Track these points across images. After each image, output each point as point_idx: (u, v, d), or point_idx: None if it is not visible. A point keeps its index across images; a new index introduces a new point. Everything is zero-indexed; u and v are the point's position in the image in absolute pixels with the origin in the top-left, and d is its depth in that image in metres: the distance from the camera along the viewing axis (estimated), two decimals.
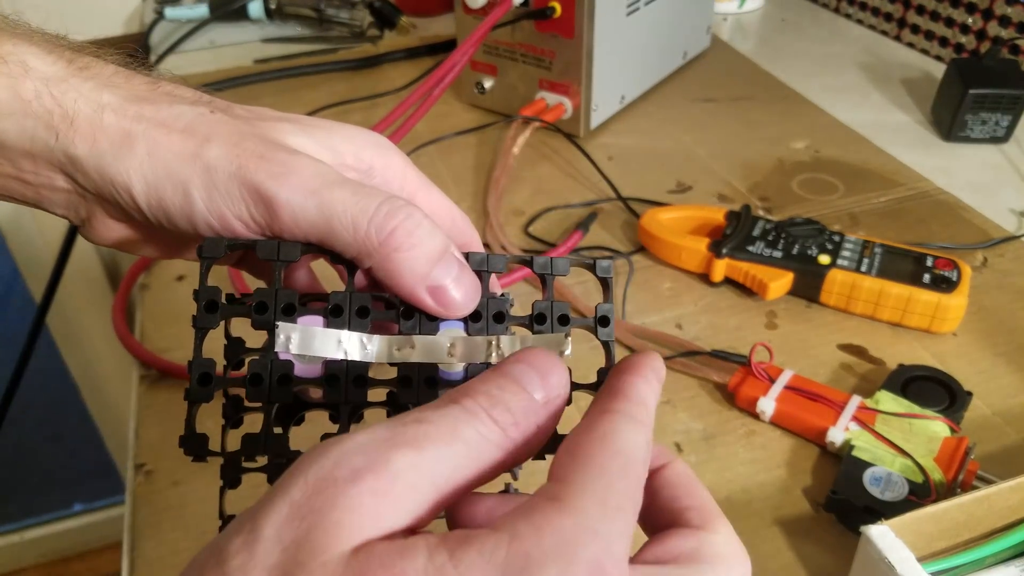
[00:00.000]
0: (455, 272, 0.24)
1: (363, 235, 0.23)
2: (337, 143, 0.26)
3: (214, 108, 0.25)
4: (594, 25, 0.66)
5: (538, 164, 0.70)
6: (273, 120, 0.26)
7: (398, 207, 0.23)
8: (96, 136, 0.23)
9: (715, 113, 0.77)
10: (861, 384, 0.47)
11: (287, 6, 0.94)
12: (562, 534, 0.17)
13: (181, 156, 0.23)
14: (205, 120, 0.24)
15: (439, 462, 0.18)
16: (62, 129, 0.23)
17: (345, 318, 0.24)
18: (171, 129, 0.24)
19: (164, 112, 0.24)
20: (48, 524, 1.50)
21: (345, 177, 0.24)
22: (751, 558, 0.39)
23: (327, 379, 0.24)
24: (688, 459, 0.43)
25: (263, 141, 0.24)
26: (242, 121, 0.24)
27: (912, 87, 0.81)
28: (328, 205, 0.23)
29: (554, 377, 0.21)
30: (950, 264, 0.51)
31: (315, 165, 0.24)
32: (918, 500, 0.38)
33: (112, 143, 0.23)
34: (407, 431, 0.18)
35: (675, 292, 0.55)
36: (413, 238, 0.23)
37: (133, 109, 0.24)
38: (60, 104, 0.23)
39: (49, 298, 0.84)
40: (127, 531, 0.41)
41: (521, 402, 0.20)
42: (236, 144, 0.23)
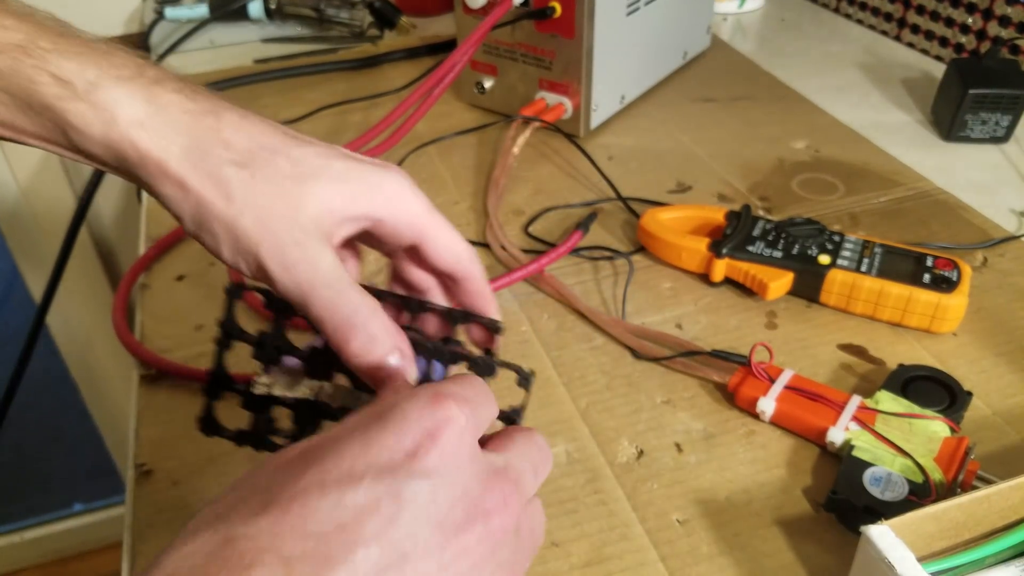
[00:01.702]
0: (395, 363, 0.29)
1: (331, 328, 0.29)
2: (353, 198, 0.30)
3: (257, 165, 0.29)
4: (594, 25, 0.66)
5: (538, 164, 0.70)
6: (304, 179, 0.29)
7: (357, 313, 0.29)
8: (157, 176, 0.28)
9: (715, 113, 0.77)
10: (861, 384, 0.47)
11: (287, 6, 0.94)
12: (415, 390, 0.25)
13: (219, 218, 0.28)
14: (244, 186, 0.28)
15: None
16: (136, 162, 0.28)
17: (315, 369, 0.32)
18: (215, 188, 0.28)
19: (214, 171, 0.28)
20: (48, 524, 1.50)
21: (332, 279, 0.29)
22: (751, 558, 0.40)
23: (297, 404, 0.32)
24: (688, 459, 0.43)
25: (284, 222, 0.28)
26: (275, 185, 0.28)
27: (912, 87, 0.81)
28: (308, 299, 0.29)
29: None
30: (950, 264, 0.51)
31: (313, 266, 0.28)
32: (918, 500, 0.38)
33: (172, 186, 0.28)
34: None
35: (675, 292, 0.55)
36: (368, 343, 0.29)
37: (188, 163, 0.28)
38: (134, 145, 0.28)
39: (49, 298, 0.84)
40: (127, 531, 0.41)
41: None
42: (261, 223, 0.28)
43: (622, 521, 0.40)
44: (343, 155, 0.31)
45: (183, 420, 0.47)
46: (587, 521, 0.40)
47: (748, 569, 0.38)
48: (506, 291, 0.55)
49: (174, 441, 0.46)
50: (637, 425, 0.45)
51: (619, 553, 0.39)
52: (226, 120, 0.29)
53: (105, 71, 0.28)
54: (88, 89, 0.27)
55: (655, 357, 0.49)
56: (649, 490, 0.42)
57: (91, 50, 0.28)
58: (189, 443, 0.45)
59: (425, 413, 0.24)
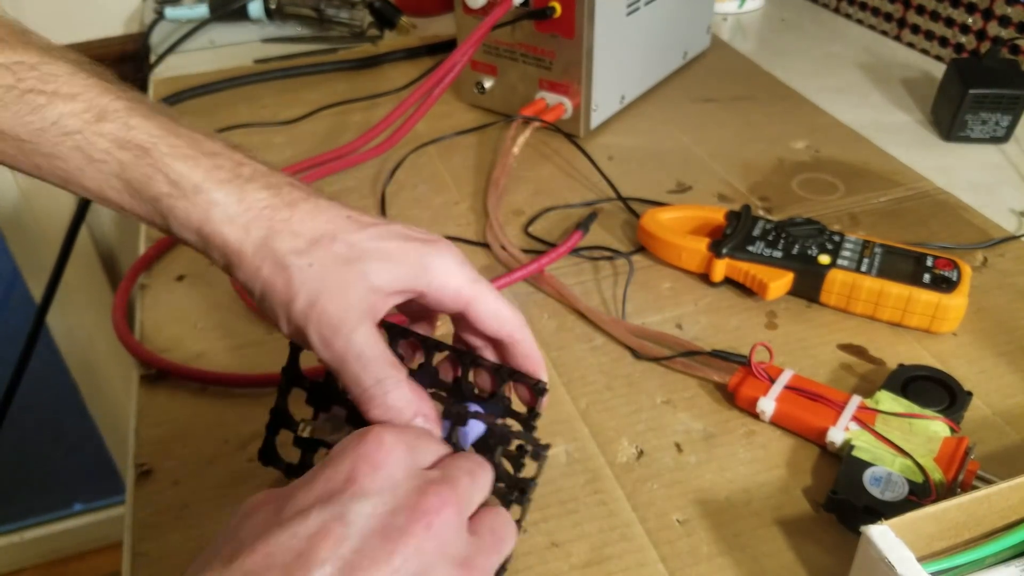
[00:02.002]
0: (425, 437, 0.32)
1: (355, 397, 0.33)
2: (400, 275, 0.33)
3: (315, 251, 0.33)
4: (594, 25, 0.66)
5: (538, 164, 0.70)
6: (355, 262, 0.33)
7: (381, 386, 0.32)
8: (233, 260, 0.34)
9: (715, 113, 0.77)
10: (861, 384, 0.47)
11: (287, 6, 0.94)
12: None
13: (280, 302, 0.33)
14: (302, 275, 0.32)
15: None
16: (219, 247, 0.33)
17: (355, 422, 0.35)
18: (278, 277, 0.33)
19: (280, 261, 0.33)
20: (48, 524, 1.50)
21: (361, 353, 0.32)
22: (751, 558, 0.40)
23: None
24: (688, 459, 0.43)
25: (332, 304, 0.32)
26: (329, 270, 0.33)
27: (912, 87, 0.81)
28: (341, 371, 0.33)
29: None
30: (950, 264, 0.51)
31: (347, 342, 0.32)
32: (918, 500, 0.38)
33: (246, 271, 0.33)
34: None
35: (675, 292, 0.55)
36: (385, 412, 0.33)
37: (260, 254, 0.33)
38: (221, 236, 0.33)
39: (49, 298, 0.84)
40: (127, 531, 0.41)
41: None
42: (311, 304, 0.32)
43: (622, 521, 0.40)
44: (397, 235, 0.34)
45: (183, 420, 0.47)
46: (587, 521, 0.40)
47: (748, 569, 0.38)
48: (506, 291, 0.55)
49: (174, 441, 0.46)
50: (637, 425, 0.45)
51: (619, 553, 0.39)
52: (300, 211, 0.33)
53: (208, 173, 0.33)
54: (193, 191, 0.33)
55: (655, 357, 0.49)
56: (649, 490, 0.42)
57: (199, 152, 0.33)
58: (189, 443, 0.45)
59: (355, 443, 0.29)
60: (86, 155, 0.32)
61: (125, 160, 0.32)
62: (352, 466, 0.28)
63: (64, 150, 0.32)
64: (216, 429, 0.46)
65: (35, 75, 0.32)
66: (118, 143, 0.32)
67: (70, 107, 0.32)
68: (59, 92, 0.32)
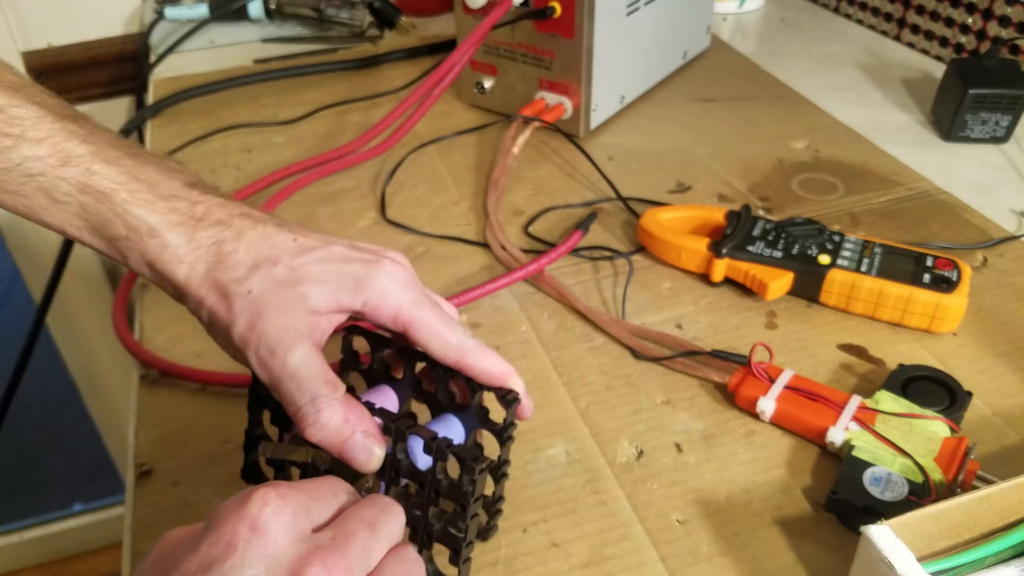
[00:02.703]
0: (360, 449, 0.34)
1: (293, 415, 0.34)
2: (338, 296, 0.35)
3: (257, 276, 0.35)
4: (594, 25, 0.66)
5: (538, 164, 0.70)
6: (294, 285, 0.34)
7: (317, 402, 0.33)
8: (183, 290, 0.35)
9: (715, 113, 0.77)
10: (861, 384, 0.47)
11: (287, 6, 0.94)
12: None
13: (224, 324, 0.34)
14: (245, 304, 0.34)
15: None
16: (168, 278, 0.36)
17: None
18: (223, 305, 0.34)
19: (227, 290, 0.34)
20: (48, 524, 1.50)
21: (296, 372, 0.33)
22: (751, 558, 0.39)
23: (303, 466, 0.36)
24: (688, 459, 0.43)
25: (271, 325, 0.34)
26: (270, 293, 0.34)
27: (912, 87, 0.81)
28: (278, 391, 0.34)
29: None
30: (950, 264, 0.51)
31: (280, 364, 0.33)
32: (918, 500, 0.38)
33: (192, 300, 0.35)
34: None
35: (675, 292, 0.55)
36: (322, 430, 0.33)
37: (207, 286, 0.35)
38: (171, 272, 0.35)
39: (49, 298, 0.84)
40: (127, 531, 0.41)
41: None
42: (251, 327, 0.34)
43: (622, 521, 0.40)
44: (338, 256, 0.36)
45: (183, 420, 0.47)
46: (587, 521, 0.40)
47: (748, 569, 0.38)
48: (506, 291, 0.55)
49: (174, 441, 0.46)
50: (637, 425, 0.45)
51: (619, 553, 0.39)
52: (246, 240, 0.35)
53: (163, 217, 0.35)
54: (149, 234, 0.35)
55: (655, 357, 0.49)
56: (649, 490, 0.42)
57: (157, 197, 0.35)
58: (189, 443, 0.45)
59: (238, 504, 0.27)
60: (49, 196, 0.34)
61: (86, 203, 0.34)
62: (232, 531, 0.26)
63: (28, 190, 0.34)
64: (216, 429, 0.46)
65: (2, 117, 0.33)
66: (80, 187, 0.34)
67: (35, 151, 0.33)
68: (25, 136, 0.33)
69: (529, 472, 0.43)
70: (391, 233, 0.61)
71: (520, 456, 0.44)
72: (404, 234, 0.61)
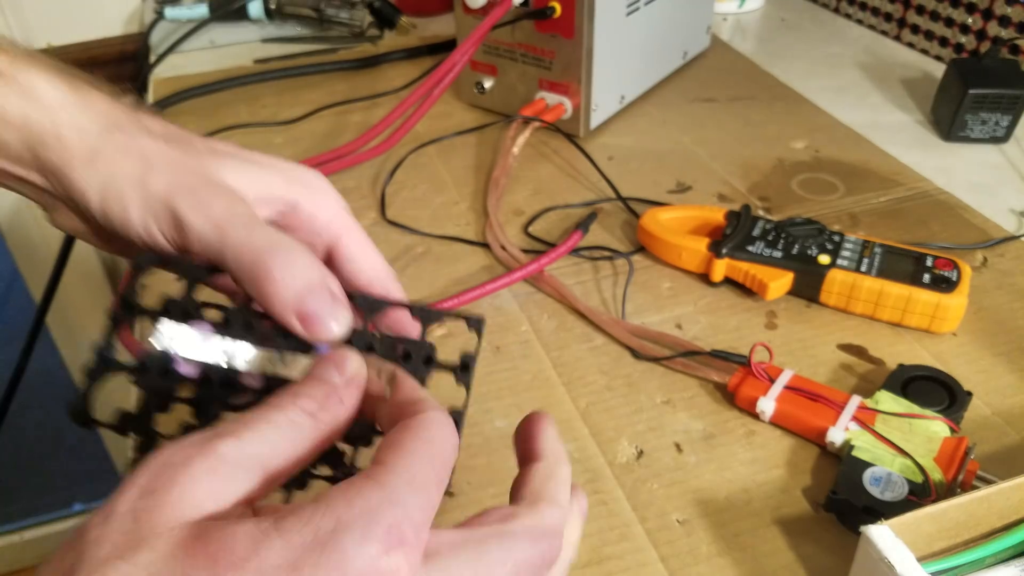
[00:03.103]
0: (324, 303, 0.27)
1: (246, 266, 0.27)
2: (270, 180, 0.30)
3: (174, 142, 0.30)
4: (594, 25, 0.66)
5: (538, 164, 0.70)
6: (220, 156, 0.30)
7: (278, 244, 0.27)
8: (73, 153, 0.29)
9: (715, 113, 0.77)
10: (861, 384, 0.47)
11: (287, 6, 0.94)
12: (368, 503, 0.21)
13: (131, 179, 0.28)
14: (161, 153, 0.29)
15: (259, 445, 0.22)
16: (51, 144, 0.29)
17: (232, 331, 0.28)
18: (130, 155, 0.29)
19: (130, 141, 0.29)
20: (48, 524, 1.50)
21: (250, 217, 0.28)
22: (751, 558, 0.39)
23: (201, 380, 0.28)
24: (688, 459, 0.43)
25: (200, 176, 0.29)
26: (192, 156, 0.29)
27: (912, 87, 0.81)
28: (225, 235, 0.27)
29: (348, 363, 0.26)
30: (950, 264, 0.51)
31: (229, 204, 0.28)
32: (918, 500, 0.38)
33: (83, 161, 0.29)
34: (228, 426, 0.23)
35: (675, 292, 0.55)
36: (286, 271, 0.27)
37: (107, 136, 0.29)
38: (54, 124, 0.29)
39: (49, 298, 0.84)
40: None
41: (322, 389, 0.25)
42: (175, 176, 0.28)
43: (622, 521, 0.40)
44: (258, 153, 0.31)
45: None
46: (587, 521, 0.40)
47: (748, 569, 0.38)
48: (506, 291, 0.55)
49: None
50: (637, 425, 0.45)
51: (619, 553, 0.39)
52: (144, 112, 0.31)
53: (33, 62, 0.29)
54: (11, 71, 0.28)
55: (655, 357, 0.49)
56: (649, 490, 0.42)
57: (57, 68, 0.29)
58: None
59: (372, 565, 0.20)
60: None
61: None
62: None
63: None
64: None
65: None
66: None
67: None
68: None
69: None
70: (391, 233, 0.61)
71: None
72: (404, 234, 0.61)
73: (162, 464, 0.21)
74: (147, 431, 0.29)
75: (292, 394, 0.24)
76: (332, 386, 0.25)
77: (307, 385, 0.25)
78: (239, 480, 0.22)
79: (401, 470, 0.22)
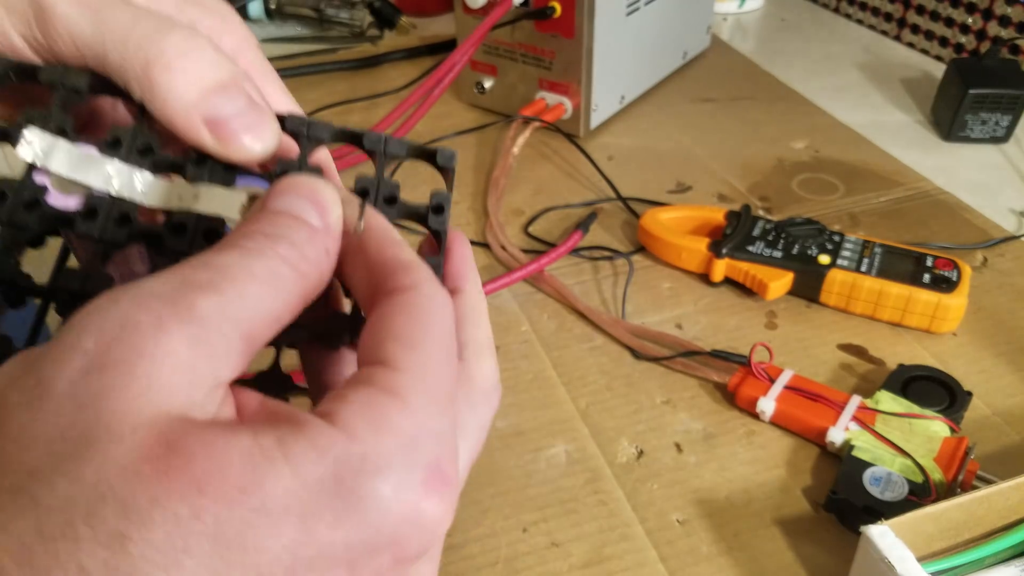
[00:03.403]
0: (241, 106, 0.21)
1: (131, 54, 0.20)
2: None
3: None
4: (594, 25, 0.66)
5: (538, 164, 0.70)
6: None
7: (175, 27, 0.21)
8: None
9: (715, 113, 0.77)
10: (861, 384, 0.47)
11: (287, 6, 0.94)
12: (402, 433, 0.16)
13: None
14: None
15: (241, 303, 0.17)
16: None
17: (123, 154, 0.21)
18: None
19: None
20: None
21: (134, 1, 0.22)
22: (751, 558, 0.40)
23: (85, 212, 0.21)
24: (688, 459, 0.43)
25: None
26: None
27: (912, 87, 0.81)
28: (103, 22, 0.21)
29: (328, 199, 0.20)
30: (950, 264, 0.51)
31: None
32: (918, 500, 0.38)
33: None
34: (199, 275, 0.17)
35: (675, 292, 0.55)
36: (186, 58, 0.20)
37: None
38: None
39: None
40: None
41: (302, 233, 0.19)
42: None
43: (622, 521, 0.40)
44: None
45: None
46: (587, 521, 0.40)
47: (748, 569, 0.38)
48: (506, 291, 0.55)
49: None
50: (637, 425, 0.45)
51: (619, 553, 0.39)
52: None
53: None
54: None
55: (655, 357, 0.49)
56: (649, 490, 0.42)
57: None
58: None
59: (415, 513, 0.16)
60: None
61: None
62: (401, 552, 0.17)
63: None
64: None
65: None
66: None
67: None
68: None
69: (529, 472, 0.43)
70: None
71: (520, 456, 0.44)
72: (405, 234, 0.61)
73: (120, 324, 0.15)
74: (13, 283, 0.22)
75: (266, 237, 0.18)
76: (314, 230, 0.19)
77: (282, 226, 0.19)
78: (220, 355, 0.16)
79: (420, 379, 0.17)
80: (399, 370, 0.17)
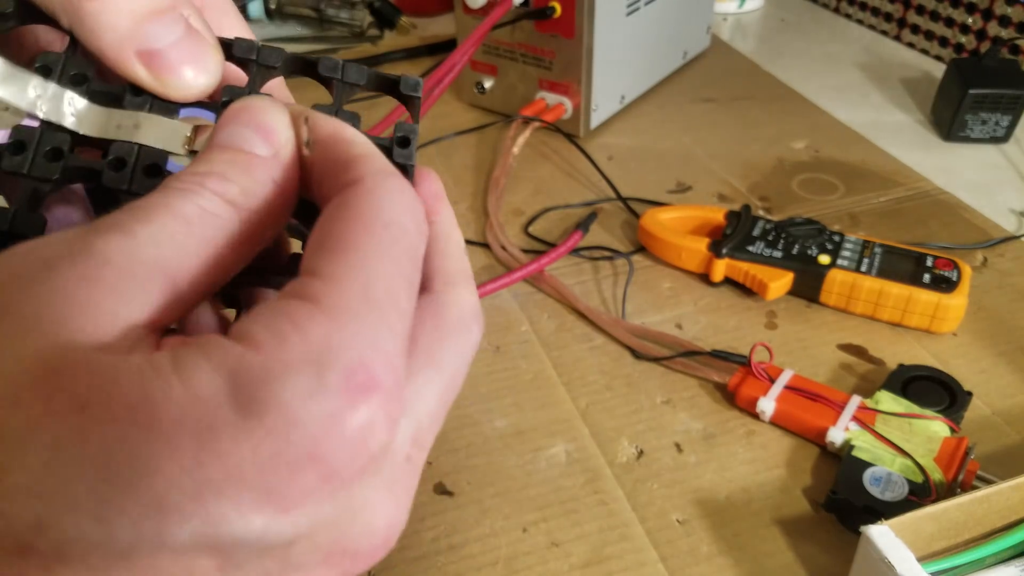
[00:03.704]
0: (179, 35, 0.19)
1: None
2: None
3: None
4: (594, 25, 0.66)
5: (538, 164, 0.70)
6: None
7: None
8: None
9: (715, 113, 0.77)
10: (861, 384, 0.47)
11: (287, 6, 0.94)
12: (310, 342, 0.14)
13: None
14: None
15: (158, 245, 0.16)
16: None
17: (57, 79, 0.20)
18: None
19: None
20: None
21: None
22: (751, 558, 0.40)
23: (12, 145, 0.19)
24: (688, 459, 0.43)
25: None
26: None
27: (912, 87, 0.81)
28: None
29: (273, 121, 0.18)
30: (950, 264, 0.51)
31: None
32: (918, 500, 0.38)
33: None
34: (111, 218, 0.16)
35: (675, 292, 0.55)
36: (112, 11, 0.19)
37: None
38: None
39: None
40: None
41: (241, 165, 0.17)
42: None
43: (622, 521, 0.40)
44: None
45: None
46: (587, 521, 0.40)
47: (748, 569, 0.38)
48: (506, 291, 0.55)
49: None
50: (637, 425, 0.45)
51: (619, 553, 0.39)
52: None
53: None
54: None
55: (655, 357, 0.49)
56: (649, 490, 0.42)
57: None
58: None
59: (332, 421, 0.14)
60: None
61: None
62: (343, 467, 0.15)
63: None
64: None
65: None
66: None
67: None
68: None
69: (529, 472, 0.43)
70: None
71: (520, 456, 0.44)
72: None
73: (9, 272, 0.15)
74: None
75: (198, 174, 0.17)
76: (253, 160, 0.18)
77: (218, 159, 0.17)
78: (131, 296, 0.15)
79: (350, 279, 0.15)
80: (321, 276, 0.16)
